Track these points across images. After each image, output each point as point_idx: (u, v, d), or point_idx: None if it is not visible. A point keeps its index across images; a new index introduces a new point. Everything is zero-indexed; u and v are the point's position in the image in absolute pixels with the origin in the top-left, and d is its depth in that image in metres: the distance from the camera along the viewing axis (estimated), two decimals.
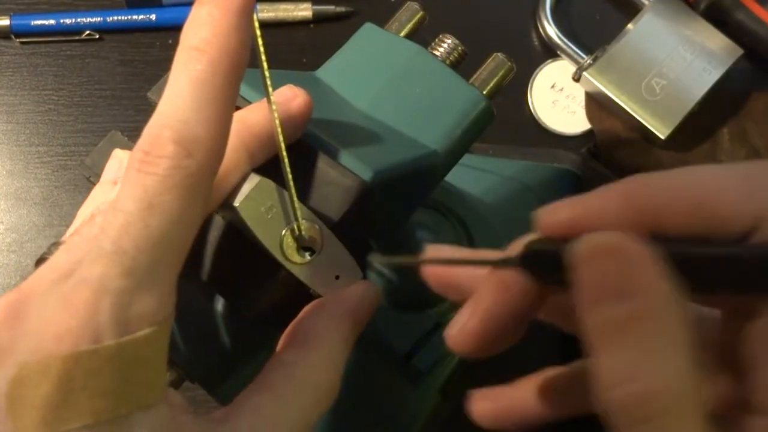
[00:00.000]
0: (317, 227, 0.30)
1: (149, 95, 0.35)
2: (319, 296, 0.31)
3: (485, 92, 0.40)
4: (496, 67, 0.41)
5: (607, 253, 0.23)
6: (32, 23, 0.64)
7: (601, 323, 0.23)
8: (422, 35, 0.41)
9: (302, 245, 0.30)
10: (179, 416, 0.26)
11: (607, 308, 0.23)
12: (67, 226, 0.58)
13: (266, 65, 0.28)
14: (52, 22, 0.64)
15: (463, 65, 0.40)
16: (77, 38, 0.65)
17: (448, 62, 0.40)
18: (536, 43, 0.64)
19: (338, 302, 0.30)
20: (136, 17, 0.64)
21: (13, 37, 0.65)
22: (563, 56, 0.63)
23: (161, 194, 0.24)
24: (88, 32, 0.64)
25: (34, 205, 0.63)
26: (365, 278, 0.32)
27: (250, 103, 0.32)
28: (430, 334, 0.41)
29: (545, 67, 0.64)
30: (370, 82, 0.38)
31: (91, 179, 0.38)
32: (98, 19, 0.64)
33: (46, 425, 0.23)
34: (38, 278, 0.25)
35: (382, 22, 0.41)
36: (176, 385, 0.37)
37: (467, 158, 0.41)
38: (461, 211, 0.46)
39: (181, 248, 0.26)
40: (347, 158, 0.31)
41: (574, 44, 0.62)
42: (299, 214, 0.29)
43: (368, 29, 0.40)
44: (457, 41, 0.40)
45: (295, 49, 0.64)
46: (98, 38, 0.65)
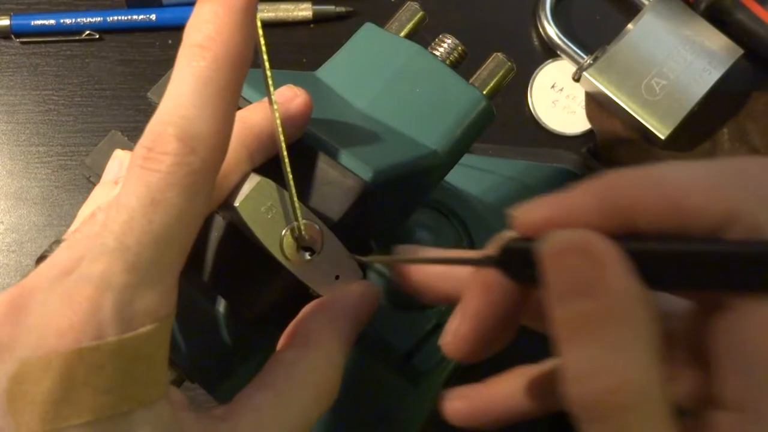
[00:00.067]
0: (317, 227, 0.30)
1: (149, 95, 0.35)
2: (319, 296, 0.31)
3: (485, 92, 0.40)
4: (496, 67, 0.41)
5: (572, 250, 0.23)
6: (32, 23, 0.64)
7: (567, 319, 0.23)
8: (422, 35, 0.41)
9: (302, 245, 0.30)
10: (180, 413, 0.26)
11: (572, 304, 0.23)
12: (67, 226, 0.58)
13: (268, 65, 0.28)
14: (52, 22, 0.64)
15: (463, 65, 0.40)
16: (77, 38, 0.65)
17: (448, 62, 0.40)
18: (536, 43, 0.64)
19: (338, 302, 0.30)
20: (136, 17, 0.64)
21: (13, 37, 0.65)
22: (563, 56, 0.63)
23: (164, 191, 0.24)
24: (88, 32, 0.64)
25: (34, 205, 0.63)
26: (365, 278, 0.32)
27: (250, 103, 0.32)
28: (430, 334, 0.41)
29: (545, 67, 0.64)
30: (370, 82, 0.38)
31: (91, 179, 0.38)
32: (98, 19, 0.64)
33: (47, 422, 0.23)
34: (40, 274, 0.25)
35: (382, 22, 0.41)
36: (177, 384, 0.37)
37: (467, 158, 0.41)
38: (461, 211, 0.46)
39: (183, 245, 0.26)
40: (347, 158, 0.31)
41: (574, 44, 0.62)
42: (299, 214, 0.29)
43: (368, 29, 0.40)
44: (457, 41, 0.40)
45: (295, 49, 0.64)
46: (98, 38, 0.65)
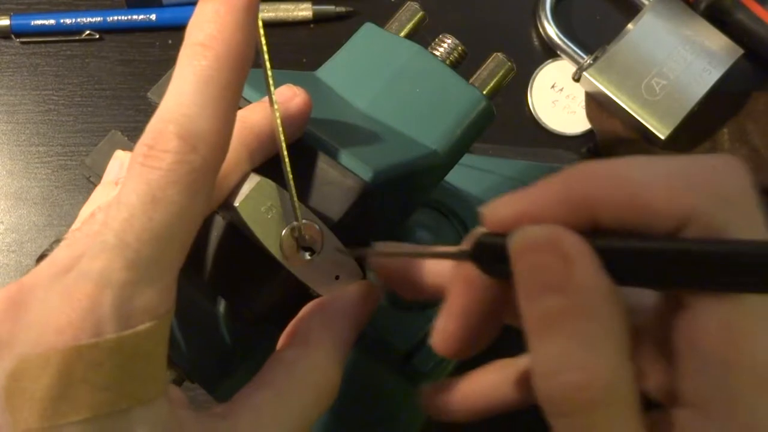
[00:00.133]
0: (317, 227, 0.30)
1: (149, 95, 0.35)
2: (319, 296, 0.31)
3: (485, 92, 0.40)
4: (496, 67, 0.41)
5: (540, 246, 0.23)
6: (32, 23, 0.64)
7: (536, 315, 0.23)
8: (422, 35, 0.41)
9: (302, 245, 0.30)
10: (179, 411, 0.26)
11: (542, 300, 0.23)
12: (67, 226, 0.58)
13: (269, 65, 0.28)
14: (52, 22, 0.64)
15: (463, 65, 0.40)
16: (77, 38, 0.65)
17: (448, 62, 0.40)
18: (536, 43, 0.64)
19: (338, 302, 0.30)
20: (136, 17, 0.64)
21: (13, 37, 0.65)
22: (563, 56, 0.63)
23: (165, 188, 0.24)
24: (88, 32, 0.64)
25: (34, 205, 0.63)
26: (365, 278, 0.32)
27: (250, 103, 0.32)
28: (430, 334, 0.41)
29: (545, 67, 0.64)
30: (370, 82, 0.38)
31: (91, 179, 0.38)
32: (98, 19, 0.64)
33: (45, 418, 0.23)
34: (39, 272, 0.25)
35: (382, 22, 0.41)
36: (177, 384, 0.37)
37: (467, 158, 0.41)
38: (461, 211, 0.46)
39: (183, 242, 0.26)
40: (347, 158, 0.31)
41: (574, 44, 0.62)
42: (299, 214, 0.29)
43: (368, 29, 0.40)
44: (457, 41, 0.40)
45: (295, 49, 0.64)
46: (98, 38, 0.65)
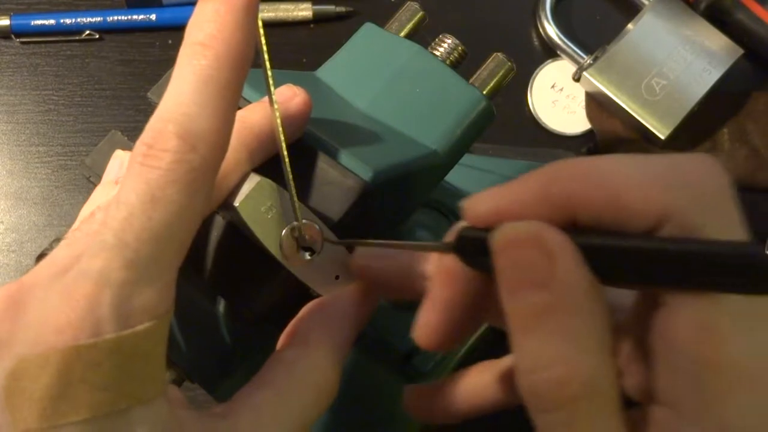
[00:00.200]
0: (317, 227, 0.30)
1: (149, 95, 0.35)
2: (319, 296, 0.31)
3: (485, 92, 0.40)
4: (496, 67, 0.41)
5: (523, 242, 0.23)
6: (32, 23, 0.64)
7: (519, 311, 0.23)
8: (422, 35, 0.41)
9: (302, 245, 0.30)
10: (179, 411, 0.26)
11: (524, 296, 0.23)
12: (67, 226, 0.58)
13: (269, 65, 0.28)
14: (52, 22, 0.64)
15: (463, 65, 0.40)
16: (77, 38, 0.65)
17: (448, 62, 0.40)
18: (536, 43, 0.64)
19: (338, 302, 0.30)
20: (136, 17, 0.64)
21: (13, 37, 0.65)
22: (563, 56, 0.63)
23: (164, 188, 0.24)
24: (88, 32, 0.64)
25: (34, 205, 0.63)
26: None
27: (250, 102, 0.32)
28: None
29: (545, 67, 0.64)
30: (370, 82, 0.38)
31: (91, 179, 0.38)
32: (98, 19, 0.64)
33: (44, 418, 0.23)
34: (39, 271, 0.25)
35: (382, 22, 0.41)
36: (177, 384, 0.37)
37: (467, 158, 0.41)
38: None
39: (182, 242, 0.26)
40: (347, 158, 0.31)
41: (574, 44, 0.62)
42: (299, 214, 0.29)
43: (368, 29, 0.40)
44: (457, 41, 0.40)
45: (295, 49, 0.64)
46: (98, 38, 0.65)
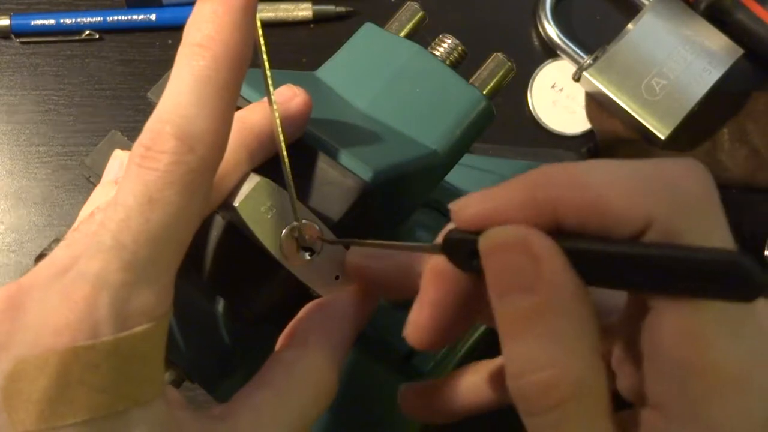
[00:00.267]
0: (317, 227, 0.30)
1: (149, 95, 0.35)
2: (318, 296, 0.31)
3: (485, 92, 0.40)
4: (496, 67, 0.41)
5: (509, 246, 0.23)
6: (32, 23, 0.64)
7: (507, 314, 0.23)
8: (422, 35, 0.41)
9: (302, 245, 0.30)
10: (177, 412, 0.26)
11: (512, 299, 0.23)
12: (67, 226, 0.58)
13: (268, 65, 0.28)
14: (52, 22, 0.64)
15: (463, 65, 0.40)
16: (77, 38, 0.65)
17: (448, 62, 0.40)
18: (536, 43, 0.64)
19: (338, 302, 0.30)
20: (136, 17, 0.64)
21: (13, 37, 0.65)
22: (563, 56, 0.63)
23: (162, 189, 0.24)
24: (88, 32, 0.64)
25: (34, 205, 0.63)
26: None
27: (250, 103, 0.32)
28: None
29: (545, 67, 0.64)
30: (370, 82, 0.38)
31: (91, 179, 0.38)
32: (98, 19, 0.64)
33: (42, 420, 0.23)
34: (38, 272, 0.25)
35: (382, 22, 0.41)
36: (176, 385, 0.37)
37: (467, 158, 0.41)
38: None
39: (180, 244, 0.26)
40: (347, 158, 0.31)
41: (574, 44, 0.62)
42: (299, 214, 0.29)
43: (368, 29, 0.40)
44: (457, 41, 0.40)
45: (295, 49, 0.64)
46: (98, 38, 0.65)
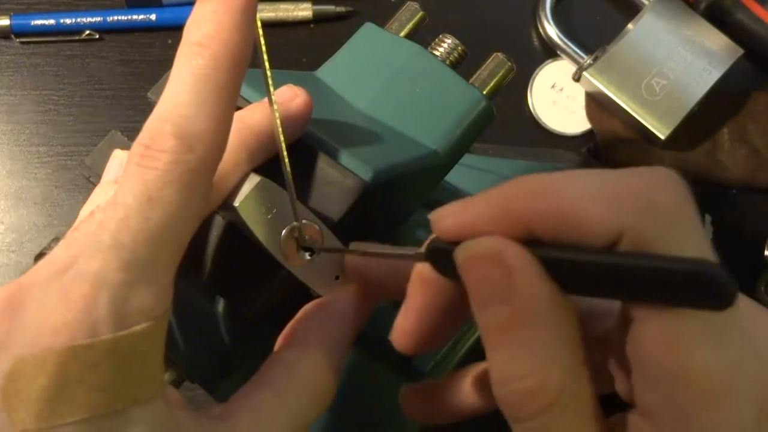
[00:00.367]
0: (317, 227, 0.30)
1: (149, 95, 0.35)
2: (318, 296, 0.31)
3: (485, 92, 0.40)
4: (496, 67, 0.41)
5: (482, 258, 0.24)
6: (32, 23, 0.64)
7: (487, 324, 0.24)
8: (422, 35, 0.41)
9: (302, 245, 0.30)
10: (177, 412, 0.26)
11: (490, 310, 0.24)
12: (67, 226, 0.58)
13: (268, 65, 0.28)
14: (52, 22, 0.64)
15: (463, 65, 0.40)
16: (77, 38, 0.65)
17: (448, 62, 0.40)
18: (536, 43, 0.64)
19: (337, 302, 0.30)
20: (136, 17, 0.64)
21: (13, 37, 0.65)
22: (563, 56, 0.63)
23: (161, 189, 0.25)
24: (88, 32, 0.64)
25: (34, 205, 0.63)
26: None
27: (250, 103, 0.32)
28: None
29: (545, 67, 0.64)
30: (370, 82, 0.38)
31: (91, 179, 0.38)
32: (98, 19, 0.64)
33: (41, 419, 0.23)
34: (37, 272, 0.25)
35: (382, 22, 0.41)
36: (176, 385, 0.37)
37: (467, 158, 0.41)
38: None
39: (179, 243, 0.26)
40: (347, 158, 0.31)
41: (574, 44, 0.62)
42: (299, 214, 0.29)
43: (368, 29, 0.40)
44: (457, 41, 0.40)
45: (295, 49, 0.64)
46: (98, 38, 0.65)
